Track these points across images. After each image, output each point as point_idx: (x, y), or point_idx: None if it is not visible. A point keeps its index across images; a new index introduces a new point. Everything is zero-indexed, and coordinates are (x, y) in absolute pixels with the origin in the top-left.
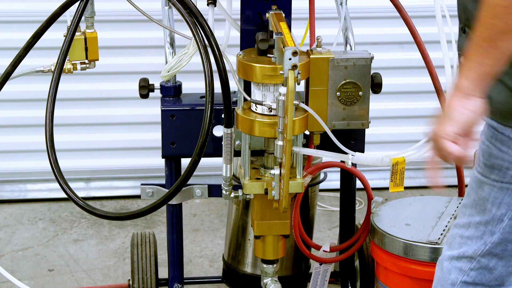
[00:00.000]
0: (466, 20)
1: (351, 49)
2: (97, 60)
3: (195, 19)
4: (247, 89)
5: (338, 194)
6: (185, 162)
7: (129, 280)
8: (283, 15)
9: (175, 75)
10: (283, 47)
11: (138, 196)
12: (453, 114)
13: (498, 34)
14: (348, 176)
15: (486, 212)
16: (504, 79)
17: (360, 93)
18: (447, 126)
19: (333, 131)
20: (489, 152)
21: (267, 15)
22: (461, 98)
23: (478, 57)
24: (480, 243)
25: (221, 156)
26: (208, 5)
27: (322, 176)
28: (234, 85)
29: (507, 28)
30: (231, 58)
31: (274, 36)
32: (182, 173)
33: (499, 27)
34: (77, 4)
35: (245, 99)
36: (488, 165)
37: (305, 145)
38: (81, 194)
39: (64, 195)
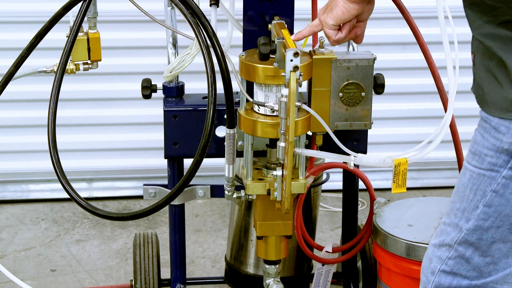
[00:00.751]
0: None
1: (353, 49)
2: (100, 60)
3: (197, 19)
4: (250, 89)
5: (340, 195)
6: (188, 162)
7: (132, 280)
8: (285, 25)
9: (177, 76)
10: (285, 51)
11: (141, 197)
12: (336, 10)
13: None
14: (350, 177)
15: (464, 199)
16: (494, 71)
17: (362, 93)
18: (328, 19)
19: (335, 132)
20: (474, 139)
21: (269, 26)
22: (346, 0)
23: None
24: (457, 230)
25: (223, 156)
26: (210, 5)
27: (324, 176)
28: (237, 85)
29: None
30: (234, 59)
31: (276, 41)
32: (184, 174)
33: None
34: (79, 4)
35: (247, 100)
36: (472, 151)
37: (307, 146)
38: (83, 194)
39: (66, 196)
